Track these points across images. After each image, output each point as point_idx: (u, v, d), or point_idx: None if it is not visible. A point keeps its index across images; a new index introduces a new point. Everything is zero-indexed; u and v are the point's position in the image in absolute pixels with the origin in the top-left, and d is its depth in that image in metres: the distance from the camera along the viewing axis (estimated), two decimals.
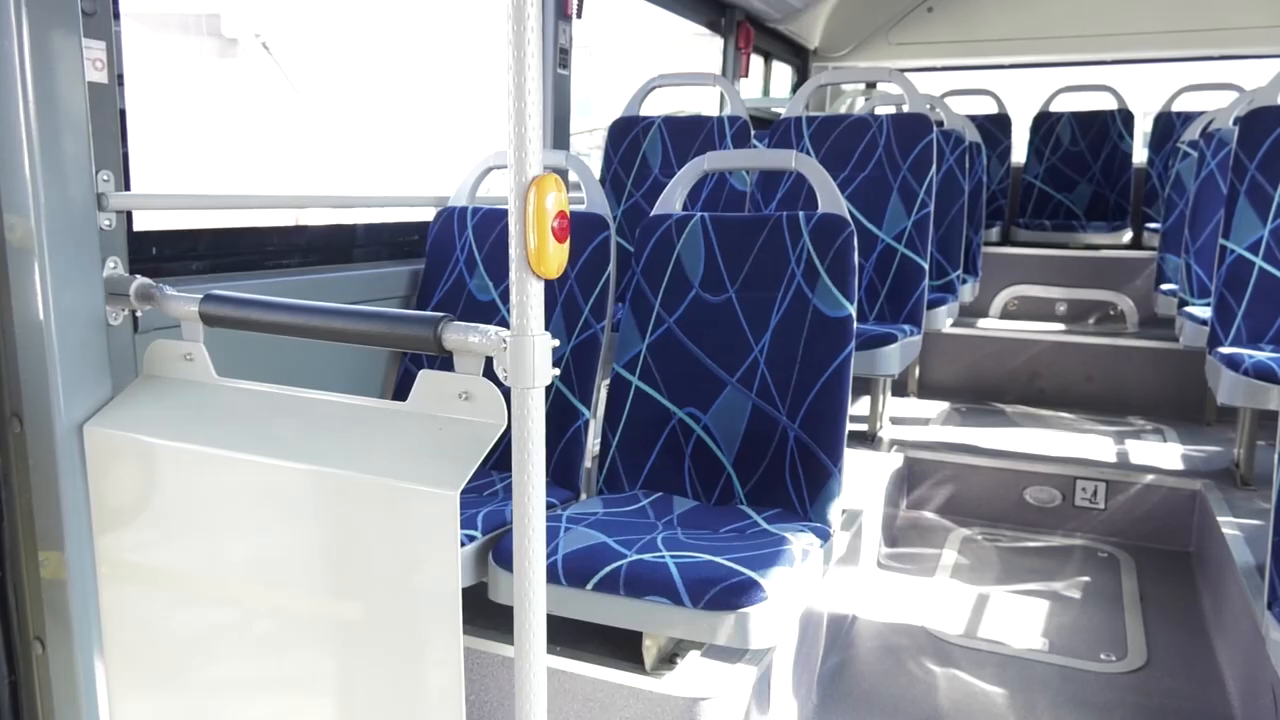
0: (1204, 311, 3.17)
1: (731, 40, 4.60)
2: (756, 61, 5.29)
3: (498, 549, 1.82)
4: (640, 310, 2.28)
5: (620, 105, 3.70)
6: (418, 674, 1.29)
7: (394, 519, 1.28)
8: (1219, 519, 2.75)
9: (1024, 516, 3.37)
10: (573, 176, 2.59)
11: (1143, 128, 5.48)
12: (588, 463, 2.27)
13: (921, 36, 5.53)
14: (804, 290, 2.14)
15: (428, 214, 2.59)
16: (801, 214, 2.18)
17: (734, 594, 1.61)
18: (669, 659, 1.83)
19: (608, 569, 1.70)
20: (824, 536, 1.98)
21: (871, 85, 5.77)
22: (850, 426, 3.68)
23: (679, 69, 3.78)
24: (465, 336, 1.25)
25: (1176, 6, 5.04)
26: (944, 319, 3.74)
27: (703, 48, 4.84)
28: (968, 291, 4.29)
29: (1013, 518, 3.39)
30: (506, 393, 1.23)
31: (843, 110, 5.05)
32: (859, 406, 3.93)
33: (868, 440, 3.54)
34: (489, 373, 1.25)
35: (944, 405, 4.23)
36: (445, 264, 2.47)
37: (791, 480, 2.09)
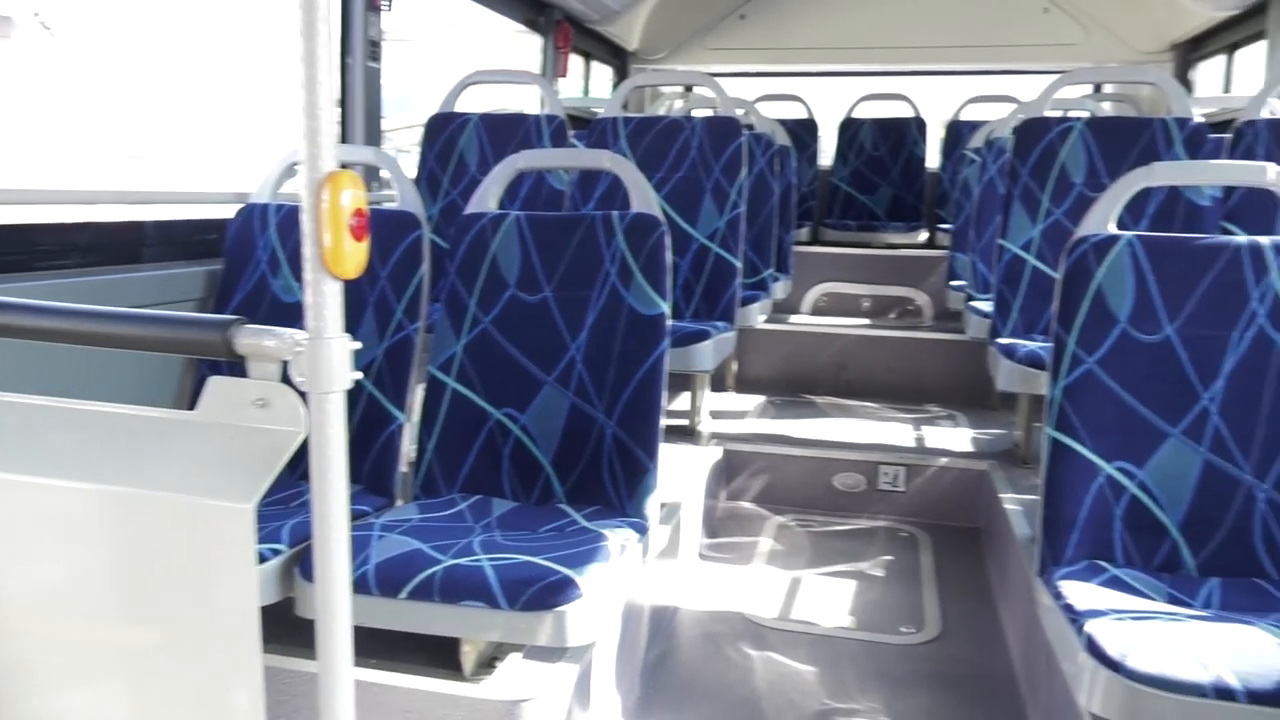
0: (987, 305, 3.44)
1: (550, 39, 4.60)
2: (577, 62, 5.32)
3: (304, 562, 1.74)
4: (455, 310, 2.25)
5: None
6: (219, 698, 1.22)
7: (187, 537, 1.20)
8: (1001, 496, 3.00)
9: (833, 502, 3.55)
10: (385, 174, 2.51)
11: (937, 135, 5.90)
12: (404, 468, 2.22)
13: (735, 42, 5.72)
14: (619, 289, 2.17)
15: (227, 211, 2.45)
16: (615, 214, 2.21)
17: (551, 593, 1.62)
18: (489, 663, 1.81)
19: (422, 576, 1.66)
20: (642, 531, 2.02)
21: (689, 88, 5.93)
22: (670, 422, 3.78)
23: (504, 66, 3.75)
24: (259, 340, 1.18)
25: (966, 25, 5.45)
26: (757, 315, 3.88)
27: (531, 45, 4.82)
28: (780, 289, 4.47)
29: (823, 504, 3.56)
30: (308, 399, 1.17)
31: (661, 112, 5.15)
32: (679, 402, 4.02)
33: (688, 435, 3.63)
34: (291, 378, 1.19)
35: (760, 398, 4.39)
36: (246, 264, 2.34)
37: (609, 477, 2.11)
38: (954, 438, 3.75)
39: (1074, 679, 1.52)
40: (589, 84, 5.53)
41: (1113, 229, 1.96)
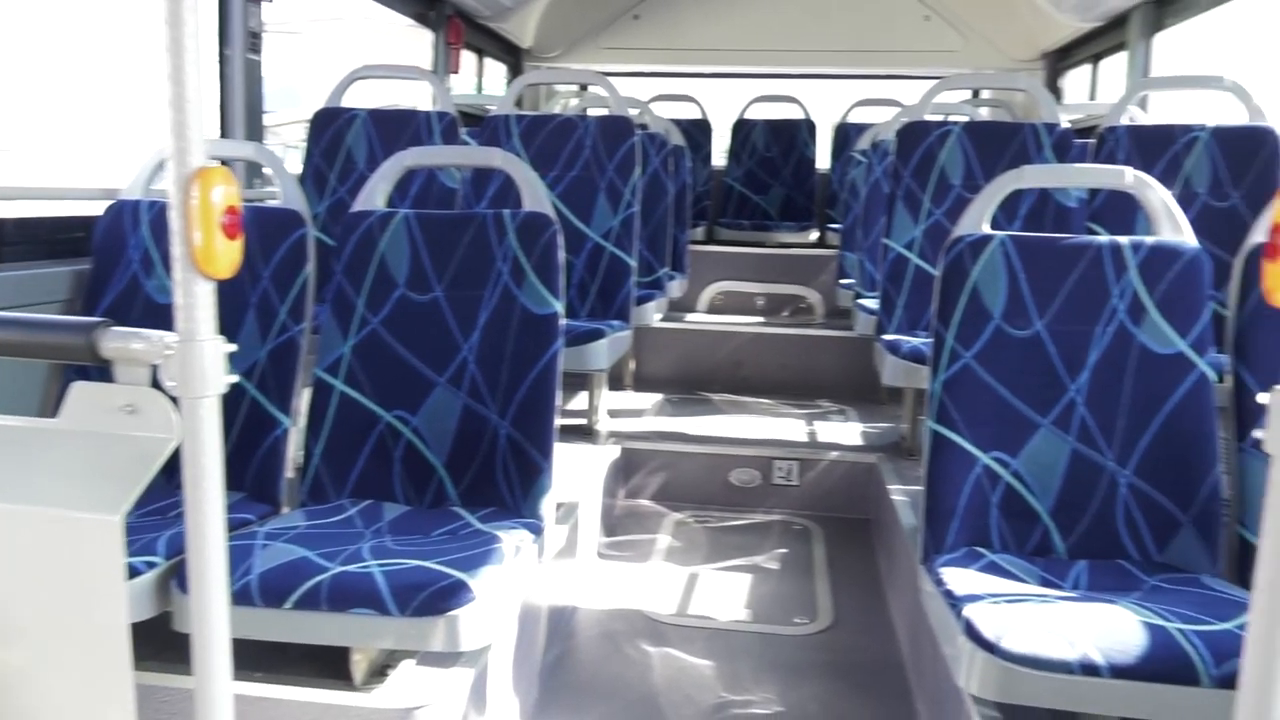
0: (874, 303, 3.55)
1: (441, 35, 4.53)
2: (471, 59, 5.25)
3: (181, 574, 1.67)
4: (342, 311, 2.19)
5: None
6: (89, 719, 1.16)
7: (51, 552, 1.14)
8: (889, 487, 3.09)
9: (730, 497, 3.60)
10: (268, 170, 2.43)
11: (827, 137, 6.05)
12: (290, 474, 2.15)
13: (629, 42, 5.74)
14: (511, 288, 2.15)
15: (95, 208, 2.33)
16: (507, 212, 2.19)
17: (442, 597, 1.59)
18: (381, 671, 1.77)
19: (308, 585, 1.62)
20: (537, 531, 2.00)
21: (584, 87, 5.92)
22: (568, 421, 3.78)
23: (399, 62, 3.67)
24: (126, 343, 1.13)
25: (852, 30, 5.61)
26: (653, 314, 3.90)
27: (425, 41, 4.73)
28: (676, 287, 4.52)
29: (720, 499, 3.61)
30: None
31: (557, 110, 5.14)
32: (577, 401, 4.02)
33: (585, 434, 3.63)
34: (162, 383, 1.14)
35: (658, 396, 4.42)
36: (116, 264, 2.23)
37: (504, 478, 2.10)
38: (845, 432, 3.85)
39: (954, 661, 1.58)
40: (482, 81, 5.46)
41: (987, 229, 2.05)
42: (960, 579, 1.73)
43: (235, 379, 1.15)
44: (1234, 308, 1.90)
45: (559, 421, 2.17)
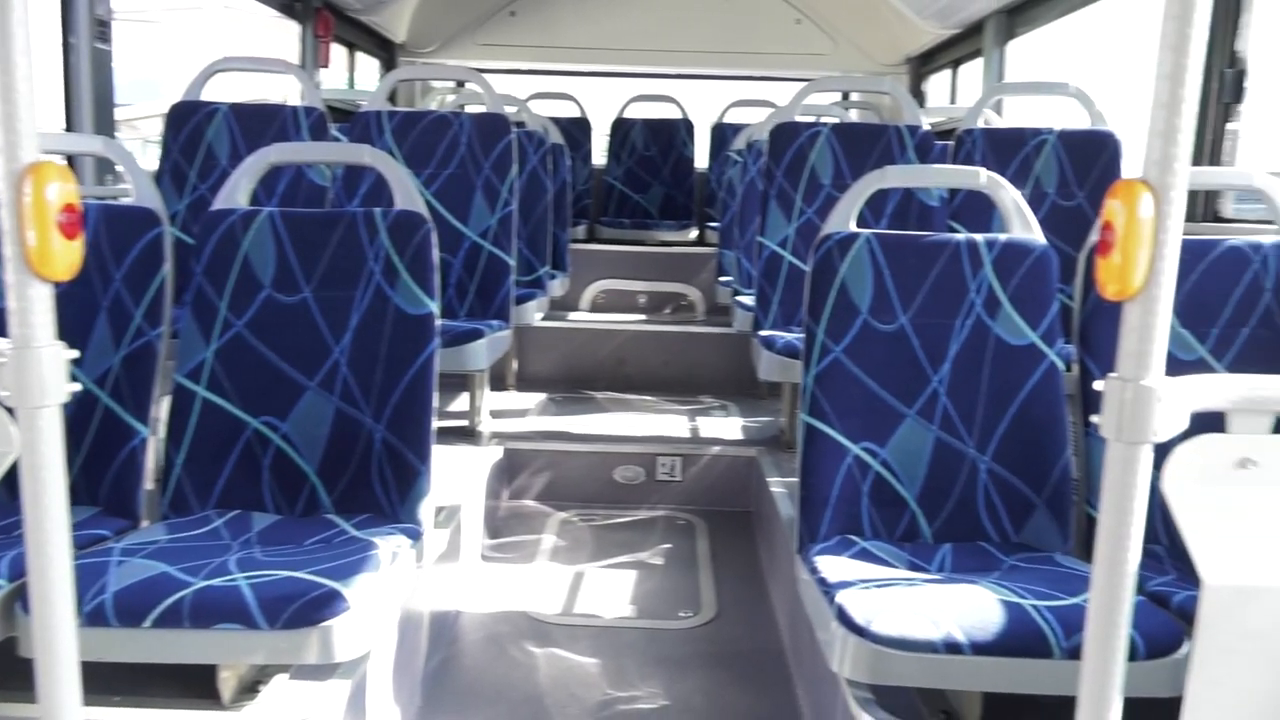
0: (751, 300, 3.62)
1: (309, 27, 4.38)
2: (342, 53, 5.10)
3: (25, 596, 1.56)
4: (204, 313, 2.09)
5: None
6: None
7: None
8: (769, 480, 3.16)
9: (614, 495, 3.61)
10: (120, 166, 2.30)
11: (705, 136, 6.14)
12: (150, 485, 2.04)
13: (506, 39, 5.69)
14: (384, 288, 2.10)
15: None
16: (378, 211, 2.14)
17: (314, 608, 1.54)
18: (252, 687, 1.71)
19: (169, 601, 1.54)
20: (415, 536, 1.96)
21: (461, 84, 5.83)
22: (448, 423, 3.72)
23: (273, 54, 3.53)
24: None
25: (727, 32, 5.70)
26: (534, 313, 3.88)
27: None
28: (557, 286, 4.50)
29: (605, 497, 3.61)
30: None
31: (433, 107, 5.04)
32: (458, 402, 3.96)
33: (467, 435, 3.58)
34: None
35: (541, 396, 4.40)
36: None
37: (380, 483, 2.04)
38: (726, 427, 3.92)
39: (828, 647, 1.63)
40: (354, 76, 5.32)
41: (853, 227, 2.11)
42: (833, 567, 1.79)
43: (77, 387, 1.08)
44: (1079, 301, 2.02)
45: (438, 424, 2.14)
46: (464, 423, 3.66)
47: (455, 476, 3.00)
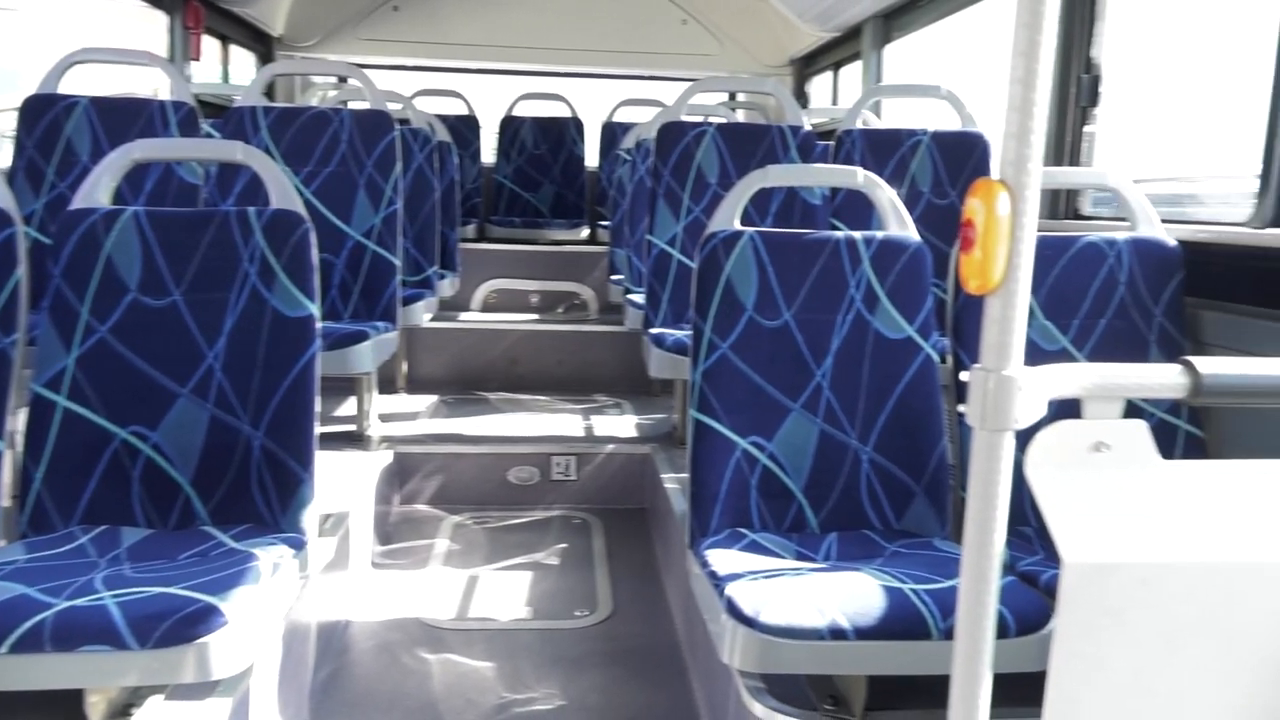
0: (642, 298, 3.64)
1: (178, 18, 4.18)
2: (214, 45, 4.89)
3: None
4: (63, 319, 1.97)
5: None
6: None
7: None
8: (662, 476, 3.19)
9: (508, 496, 3.59)
10: None
11: (595, 135, 6.14)
12: (7, 502, 1.92)
13: (389, 34, 5.56)
14: (260, 291, 2.02)
15: None
16: (253, 210, 2.06)
17: (189, 625, 1.47)
18: (124, 711, 1.62)
19: (28, 625, 1.45)
20: (299, 546, 1.90)
21: (343, 80, 5.68)
22: (335, 428, 3.62)
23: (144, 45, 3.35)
24: None
25: (614, 31, 5.71)
26: (423, 314, 3.81)
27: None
28: (447, 286, 4.44)
29: (499, 499, 3.58)
30: None
31: (314, 103, 4.89)
32: (345, 407, 3.86)
33: (356, 440, 3.49)
34: None
35: (433, 398, 4.33)
36: None
37: (260, 492, 1.97)
38: (620, 425, 3.93)
39: (719, 639, 1.65)
40: (228, 70, 5.10)
41: (738, 225, 2.15)
42: (723, 559, 1.81)
43: None
44: (951, 295, 2.11)
45: (322, 429, 2.08)
46: (352, 427, 3.57)
47: (342, 483, 2.92)
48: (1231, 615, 1.10)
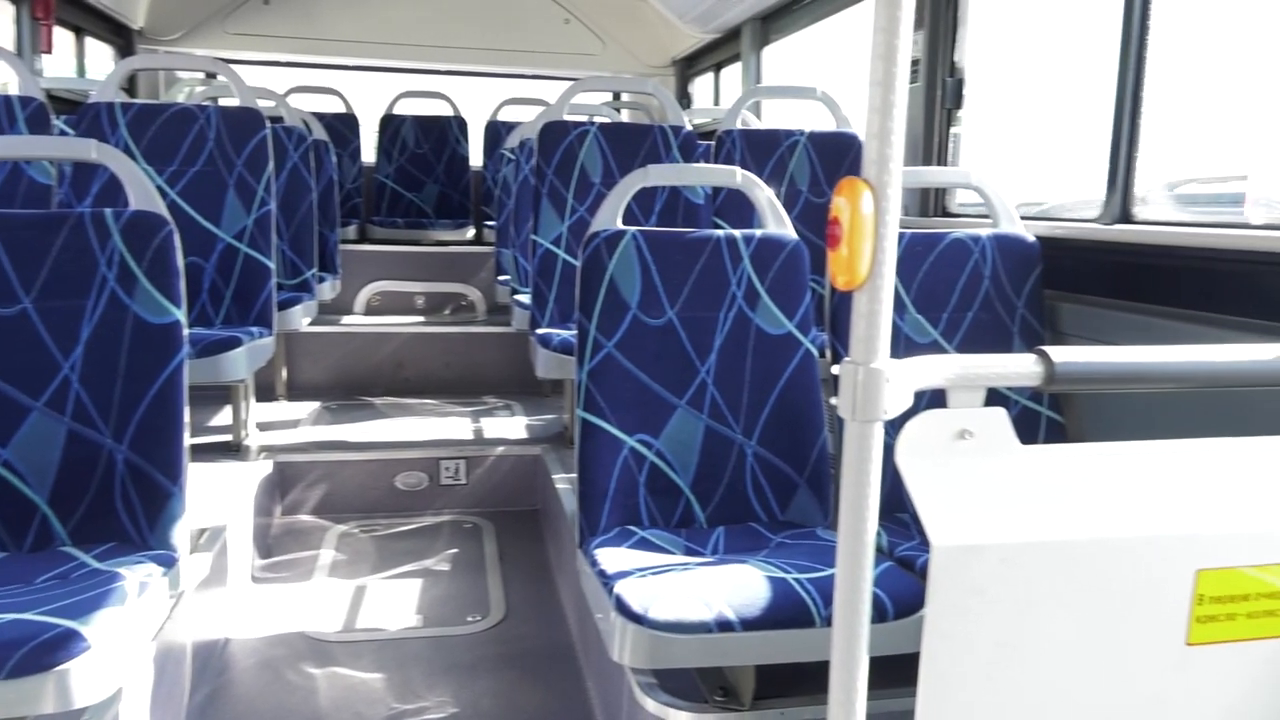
0: (528, 298, 3.62)
1: (26, 7, 3.93)
2: (68, 37, 4.62)
3: None
4: None
5: None
6: None
7: None
8: (554, 477, 3.18)
9: (396, 503, 3.51)
10: None
11: (479, 134, 6.07)
12: None
13: (260, 29, 5.37)
14: (120, 296, 1.92)
15: None
16: (109, 211, 1.95)
17: (47, 651, 1.39)
18: None
19: None
20: (169, 564, 1.82)
21: (212, 75, 5.45)
22: (209, 439, 3.47)
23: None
24: None
25: (496, 29, 5.66)
26: (301, 318, 3.70)
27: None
28: (328, 289, 4.31)
29: (386, 506, 3.50)
30: None
31: (180, 100, 4.67)
32: (221, 416, 3.71)
33: (233, 450, 3.36)
34: None
35: (314, 405, 4.20)
36: None
37: (124, 508, 1.87)
38: (510, 426, 3.90)
39: (609, 637, 1.65)
40: (84, 64, 4.82)
41: (620, 224, 2.16)
42: (612, 558, 1.82)
43: None
44: (828, 291, 2.17)
45: (195, 440, 1.99)
46: (228, 437, 3.43)
47: (218, 495, 2.81)
48: (1087, 589, 1.16)
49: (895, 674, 1.50)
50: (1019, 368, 1.15)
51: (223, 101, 4.28)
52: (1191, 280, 2.00)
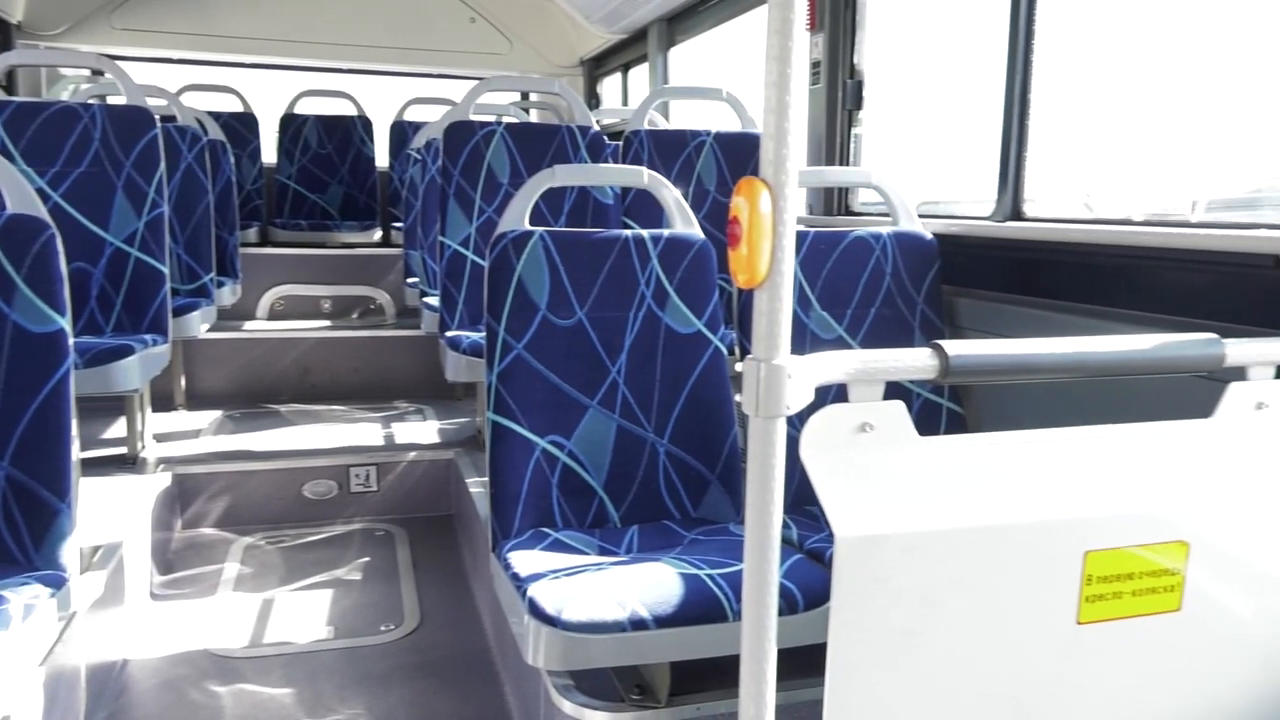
0: (438, 301, 3.57)
1: None
2: None
3: None
4: None
5: None
6: None
7: None
8: (467, 481, 3.14)
9: (305, 512, 3.42)
10: None
11: (384, 134, 5.95)
12: None
13: (150, 24, 5.16)
14: None
15: None
16: None
17: None
18: None
19: None
20: (57, 584, 1.73)
21: (99, 72, 5.21)
22: (101, 452, 3.33)
23: None
24: None
25: (400, 27, 5.56)
26: (199, 325, 3.57)
27: None
28: (227, 294, 4.18)
29: (294, 515, 3.41)
30: None
31: (64, 97, 4.45)
32: (115, 428, 3.55)
33: (128, 464, 3.22)
34: None
35: (216, 414, 4.07)
36: None
37: (8, 527, 1.78)
38: (422, 431, 3.84)
39: (523, 640, 1.64)
40: None
41: (527, 225, 2.15)
42: (526, 560, 1.81)
43: None
44: (736, 290, 2.20)
45: (86, 454, 1.90)
46: (123, 450, 3.29)
47: (113, 511, 2.69)
48: (984, 574, 1.21)
49: (809, 664, 1.53)
50: (915, 361, 1.18)
51: (111, 100, 4.10)
52: (1078, 274, 2.09)
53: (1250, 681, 1.37)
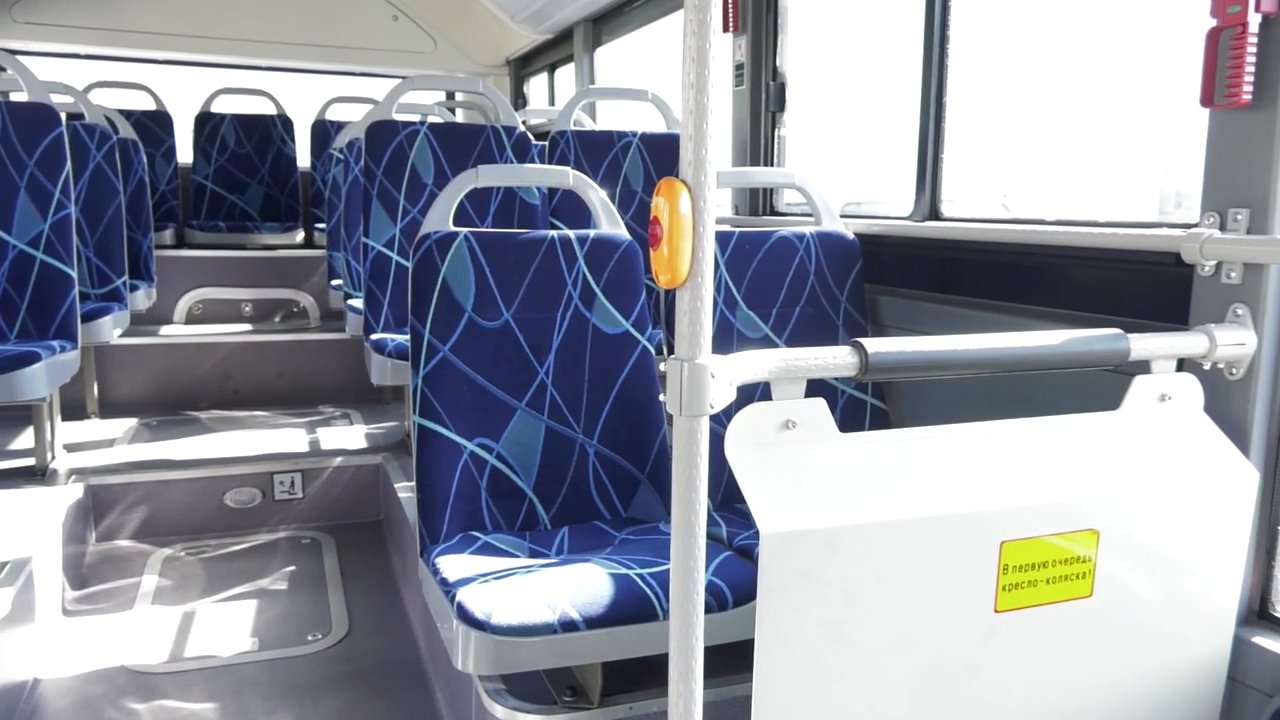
0: (362, 303, 3.51)
1: None
2: None
3: None
4: None
5: None
6: None
7: None
8: (396, 486, 3.10)
9: (227, 521, 3.34)
10: None
11: (305, 133, 5.82)
12: None
13: (54, 18, 4.96)
14: None
15: None
16: None
17: None
18: None
19: None
20: None
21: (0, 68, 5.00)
22: (11, 463, 3.20)
23: None
24: None
25: (321, 25, 5.45)
26: (110, 330, 3.45)
27: None
28: (141, 298, 4.04)
29: (216, 525, 3.32)
30: None
31: None
32: (22, 439, 3.42)
33: (38, 475, 3.10)
34: None
35: (131, 422, 3.94)
36: None
37: None
38: (349, 436, 3.77)
39: (452, 645, 1.63)
40: None
41: (451, 226, 2.12)
42: (454, 565, 1.79)
43: None
44: (663, 290, 2.21)
45: None
46: (30, 461, 3.17)
47: (20, 524, 2.59)
48: (905, 566, 1.24)
49: (739, 661, 1.55)
50: (836, 359, 1.20)
51: (13, 97, 3.94)
52: (994, 272, 2.16)
53: (1157, 661, 1.43)
